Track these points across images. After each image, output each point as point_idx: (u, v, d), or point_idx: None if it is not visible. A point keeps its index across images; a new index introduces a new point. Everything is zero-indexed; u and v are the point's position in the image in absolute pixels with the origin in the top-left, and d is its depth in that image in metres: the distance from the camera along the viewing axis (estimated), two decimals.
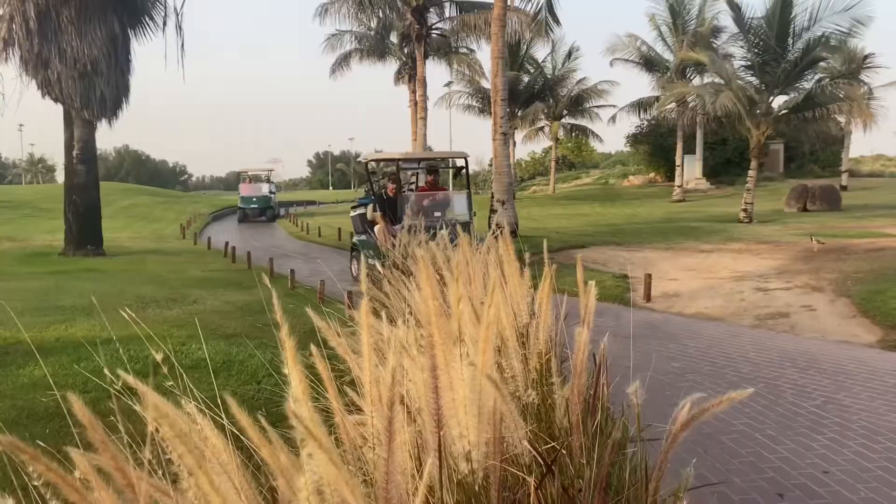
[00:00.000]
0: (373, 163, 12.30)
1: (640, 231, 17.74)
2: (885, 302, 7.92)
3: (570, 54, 41.27)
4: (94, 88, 14.41)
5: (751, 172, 20.19)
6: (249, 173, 33.68)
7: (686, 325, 7.80)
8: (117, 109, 15.24)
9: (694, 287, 9.99)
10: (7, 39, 14.01)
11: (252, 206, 31.25)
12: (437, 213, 10.21)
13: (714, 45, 28.25)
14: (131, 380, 1.14)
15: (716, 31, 29.16)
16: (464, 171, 11.95)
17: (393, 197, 10.80)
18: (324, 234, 22.13)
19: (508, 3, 17.52)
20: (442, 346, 1.13)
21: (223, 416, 1.43)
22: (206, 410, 1.35)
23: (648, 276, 9.39)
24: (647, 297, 9.19)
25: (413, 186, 11.97)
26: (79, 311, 8.10)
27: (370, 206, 10.82)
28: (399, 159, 11.47)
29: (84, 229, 15.54)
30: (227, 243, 16.61)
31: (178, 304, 8.94)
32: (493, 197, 16.67)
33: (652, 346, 6.84)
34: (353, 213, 11.63)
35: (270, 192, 32.77)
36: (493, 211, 16.62)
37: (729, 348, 6.60)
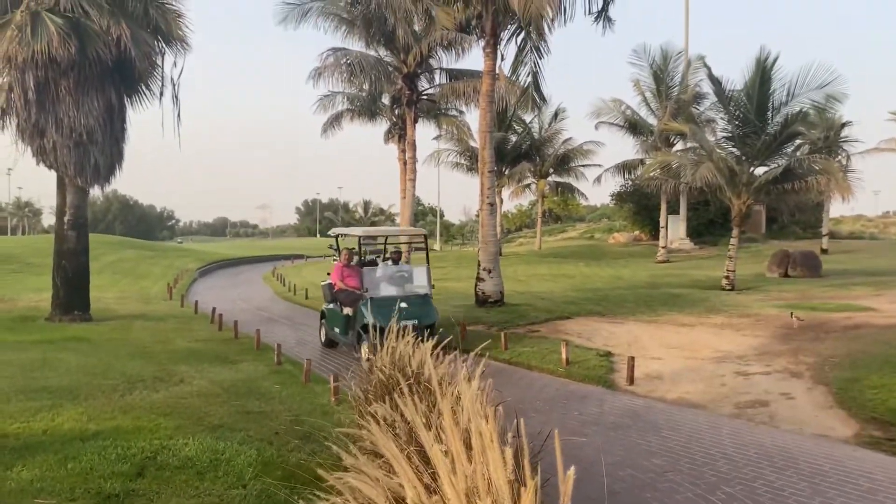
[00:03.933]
0: None
1: (623, 299, 17.95)
2: (860, 392, 8.11)
3: (556, 115, 42.45)
4: (89, 157, 14.61)
5: (733, 240, 20.58)
6: (356, 233, 12.97)
7: (668, 413, 7.93)
8: (110, 176, 15.42)
9: (676, 368, 10.15)
10: (5, 109, 14.24)
11: (406, 321, 8.51)
12: None
13: (697, 110, 29.07)
14: None
15: (698, 97, 30.02)
16: None
17: None
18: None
19: (497, 71, 18.03)
20: None
21: None
22: None
23: (631, 360, 9.53)
24: (630, 380, 9.32)
25: None
26: (66, 393, 8.13)
27: None
28: None
29: (72, 294, 15.53)
30: (213, 309, 16.60)
31: (165, 384, 8.97)
32: (479, 266, 16.91)
33: (633, 438, 6.96)
34: None
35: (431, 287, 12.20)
36: (479, 279, 16.85)
37: (708, 442, 6.73)
